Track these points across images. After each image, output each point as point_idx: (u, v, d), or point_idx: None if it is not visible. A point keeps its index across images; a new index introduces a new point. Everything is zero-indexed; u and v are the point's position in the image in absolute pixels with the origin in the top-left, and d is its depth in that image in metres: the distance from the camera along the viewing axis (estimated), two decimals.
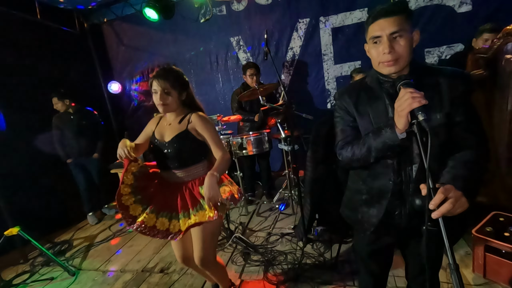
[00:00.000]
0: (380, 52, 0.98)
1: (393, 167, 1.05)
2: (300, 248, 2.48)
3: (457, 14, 3.10)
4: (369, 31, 1.01)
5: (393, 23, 0.95)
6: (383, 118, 1.05)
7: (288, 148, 2.75)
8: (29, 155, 3.43)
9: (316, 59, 3.76)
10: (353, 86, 1.18)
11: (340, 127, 1.18)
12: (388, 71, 1.00)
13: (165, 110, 1.56)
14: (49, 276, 2.73)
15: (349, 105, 1.14)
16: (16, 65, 3.48)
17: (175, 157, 1.57)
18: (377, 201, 1.13)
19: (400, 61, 0.98)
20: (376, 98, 1.08)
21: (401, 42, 0.96)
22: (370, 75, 1.14)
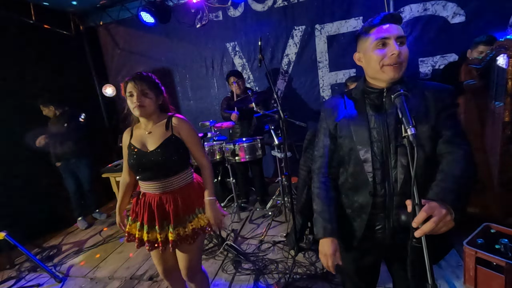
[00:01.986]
0: (387, 54, 0.97)
1: (373, 180, 1.05)
2: (292, 257, 2.45)
3: (450, 25, 3.13)
4: (373, 34, 0.99)
5: (399, 29, 0.98)
6: (365, 130, 1.05)
7: (281, 155, 2.73)
8: (19, 158, 3.38)
9: (311, 66, 3.77)
10: (338, 98, 1.18)
11: (320, 147, 1.20)
12: (392, 76, 0.98)
13: (141, 113, 1.47)
14: (36, 282, 2.68)
15: (331, 119, 1.15)
16: (9, 67, 3.44)
17: (161, 166, 1.48)
18: (358, 215, 1.12)
19: (402, 67, 0.99)
20: (359, 110, 1.09)
21: (405, 48, 0.98)
22: (356, 88, 1.15)
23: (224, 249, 2.64)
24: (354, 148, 1.08)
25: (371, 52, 1.01)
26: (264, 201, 3.54)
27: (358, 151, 1.07)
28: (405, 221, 0.81)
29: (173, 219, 1.51)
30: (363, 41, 1.05)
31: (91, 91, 4.60)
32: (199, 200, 1.58)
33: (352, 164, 1.10)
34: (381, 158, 1.03)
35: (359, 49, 1.08)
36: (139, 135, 1.56)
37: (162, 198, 1.53)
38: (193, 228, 1.54)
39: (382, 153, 1.03)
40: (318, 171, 1.20)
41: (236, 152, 3.05)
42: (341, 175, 1.18)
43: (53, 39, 4.03)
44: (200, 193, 1.59)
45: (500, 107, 2.22)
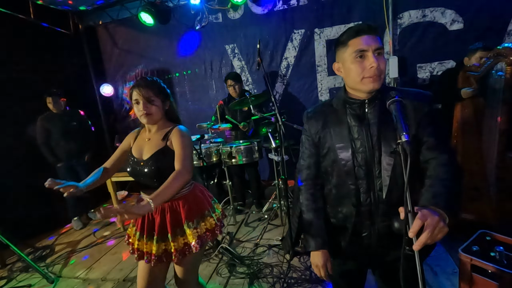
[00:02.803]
0: (365, 67, 0.97)
1: (356, 191, 1.06)
2: (287, 261, 2.43)
3: (448, 32, 3.15)
4: (351, 46, 0.99)
5: (376, 40, 0.98)
6: (346, 141, 1.06)
7: (278, 158, 2.73)
8: (14, 155, 3.35)
9: (310, 70, 3.77)
10: (320, 109, 1.17)
11: (305, 157, 1.20)
12: (372, 87, 0.99)
13: (149, 121, 1.44)
14: (27, 283, 2.64)
15: (314, 130, 1.15)
16: (7, 64, 3.42)
17: (154, 176, 1.42)
18: (342, 225, 1.13)
19: (381, 78, 0.99)
20: (341, 120, 1.09)
21: (383, 60, 0.98)
22: (336, 97, 1.15)
23: (219, 252, 2.61)
24: (337, 159, 1.08)
25: (350, 64, 1.00)
26: (260, 204, 3.52)
27: (341, 163, 1.07)
28: (398, 228, 0.80)
29: (157, 232, 1.45)
30: (341, 52, 1.04)
31: (89, 90, 4.58)
32: (189, 214, 1.48)
33: (336, 175, 1.11)
34: (365, 168, 1.04)
35: (338, 59, 1.07)
36: (142, 140, 1.53)
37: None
38: (184, 243, 1.46)
39: (366, 163, 1.04)
40: (305, 182, 1.20)
41: (232, 155, 3.04)
42: (326, 185, 1.18)
43: (52, 38, 4.01)
44: (192, 207, 1.50)
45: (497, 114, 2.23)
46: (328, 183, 1.15)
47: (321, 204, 1.19)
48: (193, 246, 1.45)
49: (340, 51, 1.05)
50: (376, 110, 1.03)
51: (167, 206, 1.46)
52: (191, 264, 1.55)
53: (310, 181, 1.19)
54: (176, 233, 1.46)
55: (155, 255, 1.44)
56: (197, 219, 1.50)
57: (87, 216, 3.91)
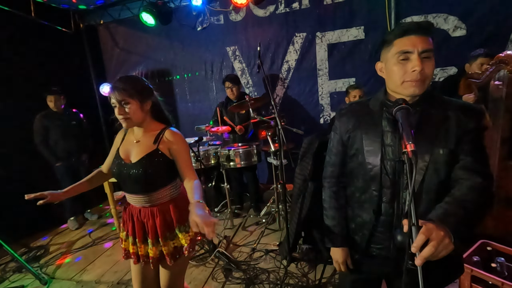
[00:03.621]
0: (408, 70, 0.90)
1: (378, 199, 1.02)
2: (284, 267, 2.40)
3: (451, 38, 3.13)
4: (396, 45, 0.92)
5: (425, 41, 0.89)
6: (377, 145, 1.01)
7: (277, 162, 2.70)
8: (10, 153, 3.32)
9: (311, 73, 3.75)
10: (354, 108, 1.12)
11: (331, 154, 1.18)
12: (413, 92, 0.92)
13: (129, 125, 1.36)
14: (20, 283, 2.61)
15: (344, 129, 1.11)
16: (6, 62, 3.40)
17: (140, 180, 1.37)
18: (359, 230, 1.10)
19: (425, 83, 0.91)
20: (375, 123, 1.03)
21: (430, 64, 0.90)
22: (374, 98, 1.08)
23: (215, 256, 2.58)
24: (364, 163, 1.04)
25: (392, 65, 0.94)
26: (258, 207, 3.49)
27: (367, 167, 1.03)
28: (400, 241, 0.77)
29: (151, 235, 1.42)
30: (385, 51, 0.98)
31: (89, 89, 4.56)
32: (181, 217, 1.44)
33: (361, 179, 1.07)
34: (392, 177, 0.99)
35: (382, 59, 1.02)
36: (129, 141, 1.46)
37: (141, 211, 1.44)
38: (174, 247, 1.44)
39: (394, 172, 0.98)
40: (329, 179, 1.19)
41: (231, 158, 3.01)
42: (349, 187, 1.15)
43: (53, 36, 3.99)
44: (183, 210, 1.43)
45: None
46: (352, 185, 1.12)
47: (343, 203, 1.17)
48: (185, 249, 1.44)
49: (384, 50, 0.99)
50: (414, 117, 0.96)
51: (157, 209, 1.43)
52: (178, 268, 1.53)
53: (334, 179, 1.17)
54: (166, 237, 1.43)
55: (152, 257, 1.43)
56: (188, 222, 1.46)
57: (83, 217, 3.88)
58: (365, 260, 1.12)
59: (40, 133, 3.34)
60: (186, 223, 1.45)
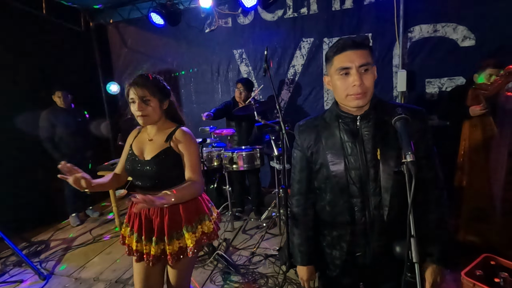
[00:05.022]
0: (349, 84, 0.95)
1: (350, 209, 1.03)
2: (283, 273, 2.37)
3: (460, 48, 3.11)
4: (336, 62, 0.97)
5: (361, 56, 0.93)
6: (339, 157, 1.02)
7: (280, 166, 2.69)
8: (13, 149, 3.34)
9: (317, 79, 3.74)
10: (312, 123, 1.14)
11: (296, 171, 1.17)
12: (356, 104, 0.96)
13: (146, 122, 1.40)
14: (19, 278, 2.62)
15: (306, 145, 1.11)
16: (15, 58, 3.44)
17: (155, 177, 1.40)
18: (337, 243, 1.10)
19: (367, 95, 0.96)
20: (334, 136, 1.05)
21: (369, 76, 0.95)
22: (329, 110, 1.11)
23: (214, 259, 2.57)
24: (330, 176, 1.04)
25: (335, 80, 0.98)
26: (260, 211, 3.47)
27: (334, 180, 1.03)
28: (399, 253, 0.76)
29: (156, 233, 1.43)
30: (328, 66, 1.02)
31: (96, 87, 4.60)
32: (189, 217, 1.46)
33: (329, 192, 1.07)
34: (359, 185, 1.00)
35: (328, 73, 1.05)
36: (143, 139, 1.49)
37: (150, 209, 1.45)
38: (180, 247, 1.44)
39: (361, 180, 1.00)
40: (297, 197, 1.18)
41: (234, 160, 3.00)
42: (318, 202, 1.14)
43: (62, 34, 4.04)
44: (192, 210, 1.48)
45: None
46: (321, 200, 1.12)
47: (311, 219, 1.16)
48: (189, 250, 1.44)
49: (328, 65, 1.03)
50: (370, 125, 1.00)
51: (166, 208, 1.43)
52: (185, 268, 1.53)
53: (300, 196, 1.17)
54: (172, 236, 1.44)
55: (153, 255, 1.43)
56: (195, 223, 1.48)
57: (85, 213, 3.90)
58: (345, 269, 1.12)
59: (46, 130, 3.36)
60: (194, 224, 1.47)
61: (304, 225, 1.16)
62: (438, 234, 1.01)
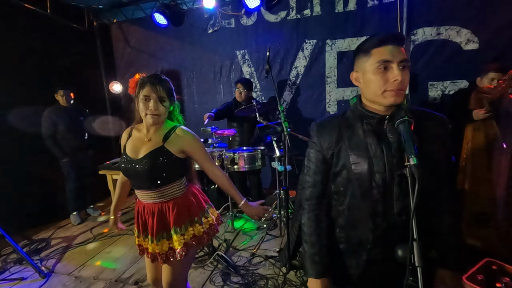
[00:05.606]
0: (388, 79, 0.89)
1: (372, 214, 0.97)
2: (283, 274, 2.37)
3: (463, 51, 3.10)
4: (375, 55, 0.90)
5: (402, 52, 0.90)
6: (363, 159, 0.97)
7: (281, 168, 2.68)
8: (15, 146, 3.35)
9: (319, 80, 3.74)
10: (333, 122, 1.06)
11: (311, 173, 1.09)
12: (394, 101, 0.91)
13: (156, 121, 1.39)
14: (20, 275, 2.62)
15: (326, 145, 1.04)
16: (19, 56, 3.46)
17: (146, 175, 1.39)
18: (355, 252, 1.04)
19: (403, 93, 0.92)
20: (358, 136, 0.99)
21: (406, 73, 0.91)
22: (350, 110, 1.05)
23: (214, 259, 2.56)
24: (352, 179, 0.98)
25: (372, 75, 0.92)
26: None
27: (356, 183, 0.98)
28: (401, 256, 0.75)
29: (150, 232, 1.45)
30: (362, 60, 0.95)
31: (98, 86, 4.61)
32: (177, 219, 1.45)
33: (349, 196, 1.01)
34: (383, 189, 0.95)
35: (357, 68, 0.99)
36: (137, 138, 1.47)
37: (145, 208, 1.47)
38: (170, 247, 1.46)
39: (385, 185, 0.95)
40: (310, 202, 1.10)
41: (235, 161, 3.00)
42: (335, 207, 1.08)
43: (66, 32, 4.06)
44: (182, 212, 1.47)
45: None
46: (340, 204, 1.05)
47: (325, 226, 1.08)
48: (177, 253, 1.43)
49: (360, 59, 0.96)
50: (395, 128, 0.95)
51: (157, 208, 1.44)
52: (177, 269, 1.52)
53: (314, 200, 1.08)
54: (161, 236, 1.45)
55: (151, 253, 1.47)
56: (185, 225, 1.46)
57: (86, 212, 3.90)
58: (363, 279, 1.06)
59: (48, 128, 3.38)
60: (183, 226, 1.45)
61: (319, 233, 1.07)
62: (452, 241, 1.00)
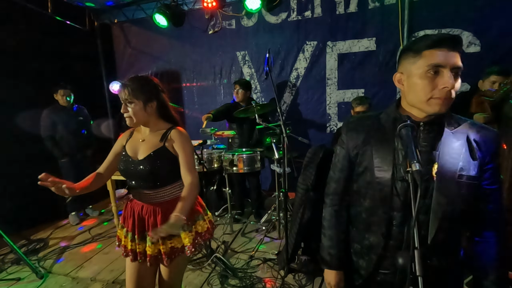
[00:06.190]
0: (437, 85, 0.82)
1: (387, 222, 0.94)
2: (281, 277, 2.35)
3: (465, 54, 3.07)
4: (426, 57, 0.83)
5: (458, 58, 0.82)
6: (388, 164, 0.93)
7: (280, 170, 2.66)
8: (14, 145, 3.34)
9: (319, 82, 3.73)
10: (364, 122, 1.04)
11: (336, 170, 1.10)
12: (438, 110, 0.84)
13: (131, 123, 1.41)
14: (17, 276, 2.61)
15: (353, 144, 1.03)
16: (20, 55, 3.46)
17: (148, 177, 1.40)
18: (366, 254, 1.03)
19: (451, 102, 0.84)
20: (386, 140, 0.95)
21: (458, 82, 0.83)
22: (386, 112, 1.00)
23: (212, 261, 2.54)
24: (373, 182, 0.96)
25: (418, 78, 0.85)
26: (259, 214, 3.44)
27: (377, 187, 0.95)
28: (402, 265, 0.73)
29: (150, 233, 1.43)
30: (409, 62, 0.88)
31: (99, 86, 4.61)
32: (189, 214, 1.44)
33: (369, 199, 0.99)
34: (404, 199, 0.91)
35: (402, 69, 0.92)
36: (136, 139, 1.49)
37: (144, 208, 1.46)
38: (171, 247, 1.45)
39: (406, 194, 0.90)
40: (331, 197, 1.11)
41: (234, 163, 2.99)
42: (355, 206, 1.08)
43: (67, 32, 4.05)
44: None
45: None
46: (358, 205, 1.05)
47: (344, 222, 1.10)
48: (188, 249, 1.44)
49: (407, 60, 0.89)
50: (431, 136, 0.90)
51: (159, 207, 1.44)
52: (177, 268, 1.53)
53: (336, 196, 1.10)
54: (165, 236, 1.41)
55: (150, 255, 1.43)
56: (190, 222, 1.48)
57: (85, 212, 3.89)
58: (371, 285, 1.05)
59: (47, 128, 3.37)
60: (189, 223, 1.46)
61: (337, 227, 1.09)
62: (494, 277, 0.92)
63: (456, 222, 0.90)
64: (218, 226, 3.27)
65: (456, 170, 0.85)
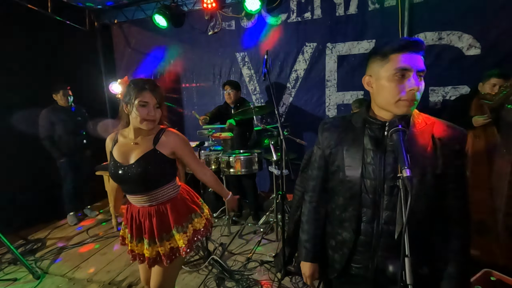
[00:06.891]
0: (405, 88, 0.86)
1: (357, 218, 0.99)
2: (278, 280, 2.33)
3: (465, 57, 3.06)
4: (394, 61, 0.86)
5: (421, 61, 0.87)
6: (357, 163, 0.97)
7: (278, 172, 2.65)
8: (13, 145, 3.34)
9: (319, 84, 3.71)
10: (337, 123, 1.09)
11: (314, 168, 1.15)
12: (406, 111, 0.89)
13: (151, 126, 1.38)
14: (14, 276, 2.61)
15: (326, 144, 1.09)
16: (19, 55, 3.46)
17: (139, 180, 1.38)
18: (340, 248, 1.08)
19: (416, 103, 0.89)
20: (356, 140, 1.00)
21: (423, 83, 0.88)
22: (357, 114, 1.05)
23: (209, 263, 2.54)
24: (345, 181, 1.01)
25: (386, 81, 0.89)
26: (258, 216, 3.43)
27: (348, 185, 1.00)
28: (392, 272, 0.73)
29: (148, 235, 1.44)
30: (377, 65, 0.92)
31: (98, 86, 4.61)
32: (178, 218, 1.46)
33: (341, 197, 1.05)
34: (373, 196, 0.95)
35: (371, 72, 0.96)
36: (124, 144, 1.45)
37: (140, 211, 1.46)
38: (170, 247, 1.45)
39: (375, 192, 0.95)
40: (310, 194, 1.17)
41: (231, 164, 2.98)
42: (330, 203, 1.13)
43: (67, 32, 4.05)
44: (181, 210, 1.49)
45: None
46: (333, 202, 1.10)
47: (321, 218, 1.15)
48: (182, 250, 1.45)
49: (375, 63, 0.92)
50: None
51: (154, 210, 1.44)
52: (172, 269, 1.53)
53: (314, 193, 1.15)
54: (162, 237, 1.45)
55: (149, 258, 1.45)
56: (185, 223, 1.49)
57: (83, 212, 3.89)
58: (343, 279, 1.10)
59: (46, 128, 3.36)
60: (184, 223, 1.47)
61: (313, 223, 1.15)
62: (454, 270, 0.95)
63: (422, 218, 0.92)
64: (215, 227, 3.26)
65: (421, 169, 0.89)
